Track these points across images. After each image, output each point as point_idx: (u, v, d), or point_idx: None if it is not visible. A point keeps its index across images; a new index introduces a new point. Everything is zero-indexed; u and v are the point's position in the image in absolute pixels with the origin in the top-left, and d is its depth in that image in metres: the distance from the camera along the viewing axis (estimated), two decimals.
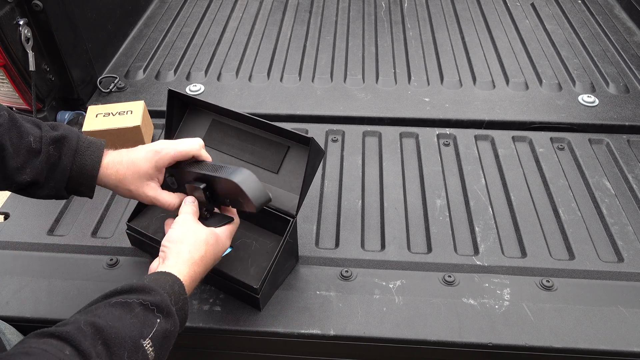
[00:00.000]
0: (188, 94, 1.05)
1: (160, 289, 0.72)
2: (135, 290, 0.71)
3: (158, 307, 0.69)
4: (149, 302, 0.69)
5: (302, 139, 0.97)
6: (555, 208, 1.24)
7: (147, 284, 0.72)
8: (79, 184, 0.89)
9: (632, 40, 1.83)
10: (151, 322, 0.68)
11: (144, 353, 0.65)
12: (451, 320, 1.00)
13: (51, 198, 0.90)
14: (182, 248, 0.81)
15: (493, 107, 1.54)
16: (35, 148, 0.85)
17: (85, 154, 0.88)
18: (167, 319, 0.70)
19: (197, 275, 0.82)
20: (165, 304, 0.71)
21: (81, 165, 0.87)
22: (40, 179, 0.85)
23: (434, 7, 2.06)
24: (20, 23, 1.29)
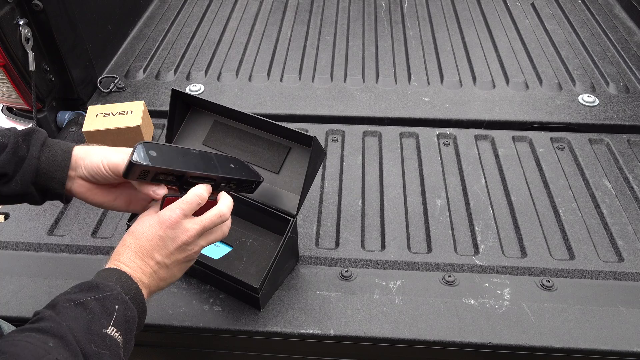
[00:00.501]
0: (191, 94, 1.04)
1: (107, 282, 0.72)
2: (83, 290, 0.71)
3: (110, 298, 0.70)
4: (100, 297, 0.69)
5: (304, 138, 0.97)
6: (555, 208, 1.24)
7: (93, 281, 0.72)
8: (49, 178, 0.84)
9: (632, 40, 1.83)
10: (109, 312, 0.69)
11: (111, 339, 0.67)
12: (451, 320, 1.00)
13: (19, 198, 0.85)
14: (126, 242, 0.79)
15: (493, 107, 1.54)
16: (3, 142, 0.83)
17: (54, 146, 0.85)
18: (124, 306, 0.71)
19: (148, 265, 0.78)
20: (117, 292, 0.71)
21: (51, 157, 0.84)
22: (8, 171, 0.82)
23: (434, 7, 2.06)
24: (20, 23, 1.29)
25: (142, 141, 0.83)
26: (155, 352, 1.16)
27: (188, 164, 0.85)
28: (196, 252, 0.84)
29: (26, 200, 0.87)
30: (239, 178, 0.89)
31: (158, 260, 0.79)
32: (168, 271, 0.81)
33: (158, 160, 0.82)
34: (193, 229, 0.81)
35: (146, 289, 0.78)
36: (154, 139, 1.46)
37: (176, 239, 0.80)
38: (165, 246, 0.79)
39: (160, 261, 0.79)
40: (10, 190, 0.83)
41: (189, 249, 0.82)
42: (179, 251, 0.81)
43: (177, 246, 0.80)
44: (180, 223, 0.80)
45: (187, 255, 0.82)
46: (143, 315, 0.76)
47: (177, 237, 0.80)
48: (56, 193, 0.87)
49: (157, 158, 0.82)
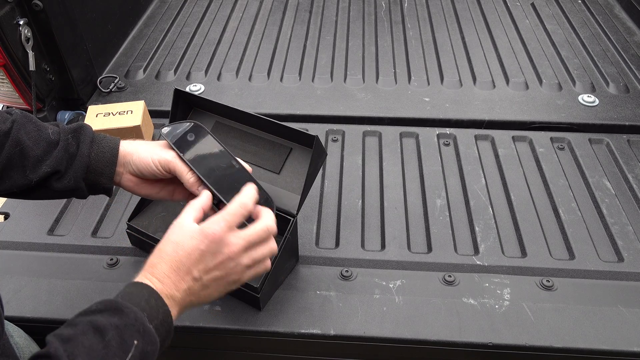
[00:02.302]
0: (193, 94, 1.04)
1: (132, 306, 0.67)
2: (108, 310, 0.67)
3: (132, 329, 0.66)
4: (121, 325, 0.65)
5: (306, 138, 0.97)
6: (555, 208, 1.24)
7: (119, 302, 0.68)
8: (99, 173, 0.87)
9: (632, 40, 1.83)
10: (126, 348, 0.65)
11: None
12: (451, 320, 1.00)
13: (69, 193, 0.88)
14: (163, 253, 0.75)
15: (493, 107, 1.54)
16: (54, 139, 0.85)
17: (102, 143, 0.88)
18: (144, 339, 0.67)
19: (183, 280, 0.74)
20: (140, 322, 0.67)
21: (100, 153, 0.87)
22: (61, 168, 0.85)
23: (434, 7, 2.06)
24: (20, 23, 1.29)
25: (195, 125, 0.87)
26: None
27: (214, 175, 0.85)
28: (238, 272, 0.79)
29: (75, 195, 0.89)
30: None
31: (195, 276, 0.75)
32: (205, 290, 0.77)
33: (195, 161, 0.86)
34: (237, 244, 0.77)
35: (177, 307, 0.74)
36: (154, 139, 1.46)
37: (217, 255, 0.76)
38: (204, 261, 0.75)
39: (197, 277, 0.75)
40: (63, 186, 0.86)
41: (230, 267, 0.77)
42: (219, 268, 0.76)
43: (218, 262, 0.76)
44: (224, 237, 0.76)
45: (227, 274, 0.78)
46: (169, 337, 0.73)
47: (219, 252, 0.76)
48: (104, 188, 0.90)
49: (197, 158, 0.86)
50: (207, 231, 0.75)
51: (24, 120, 0.86)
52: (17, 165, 0.83)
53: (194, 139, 0.88)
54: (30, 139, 0.84)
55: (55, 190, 0.87)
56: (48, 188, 0.86)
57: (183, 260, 0.74)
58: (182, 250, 0.75)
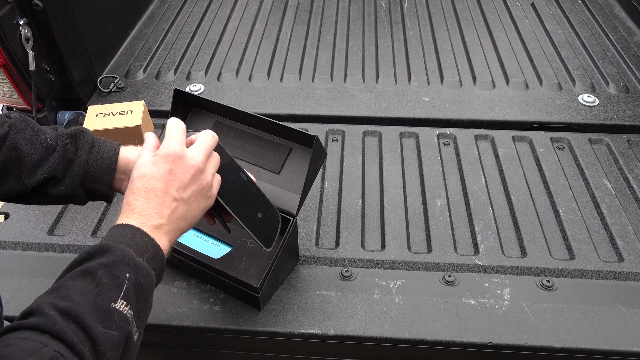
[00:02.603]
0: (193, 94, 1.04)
1: (118, 244, 0.67)
2: (93, 254, 0.67)
3: (121, 264, 0.66)
4: (110, 263, 0.65)
5: (306, 138, 0.97)
6: (555, 208, 1.24)
7: (103, 244, 0.68)
8: (97, 180, 0.86)
9: (632, 40, 1.83)
10: (119, 282, 0.64)
11: (120, 314, 0.63)
12: (451, 320, 1.00)
13: (66, 199, 0.87)
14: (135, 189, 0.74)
15: (493, 107, 1.54)
16: (51, 144, 0.84)
17: (101, 148, 0.87)
18: (136, 272, 0.66)
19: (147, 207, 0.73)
20: (128, 257, 0.67)
21: (98, 159, 0.85)
22: (58, 174, 0.83)
23: (434, 7, 2.06)
24: (20, 23, 1.29)
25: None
26: (155, 352, 1.16)
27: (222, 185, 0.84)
28: (210, 182, 0.80)
29: (72, 201, 0.88)
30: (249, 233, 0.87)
31: (175, 196, 0.75)
32: (188, 207, 0.77)
33: None
34: (199, 154, 0.78)
35: (167, 236, 0.74)
36: None
37: (187, 169, 0.76)
38: (178, 179, 0.75)
39: (177, 197, 0.75)
40: (60, 192, 0.84)
41: (202, 178, 0.78)
42: (193, 182, 0.77)
43: (190, 176, 0.76)
44: (185, 153, 0.77)
45: (202, 186, 0.78)
46: (162, 271, 0.73)
47: (187, 165, 0.76)
48: (102, 194, 0.88)
49: None
50: (166, 152, 0.76)
51: (22, 125, 0.84)
52: (13, 170, 0.82)
53: None
54: (27, 143, 0.83)
55: (52, 196, 0.85)
56: (45, 194, 0.85)
57: (157, 186, 0.74)
58: (152, 177, 0.74)
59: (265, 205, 0.90)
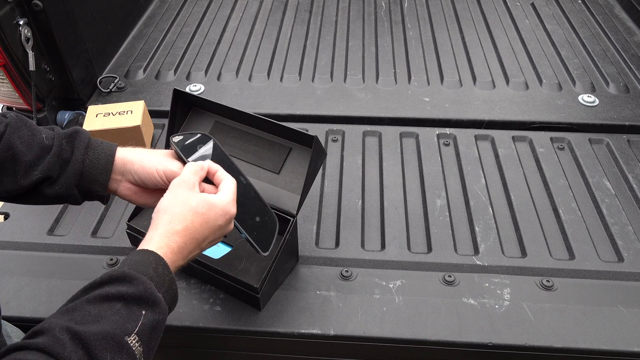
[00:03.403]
0: (192, 94, 1.04)
1: (141, 276, 0.67)
2: (115, 280, 0.66)
3: (142, 299, 0.65)
4: (131, 295, 0.64)
5: (305, 138, 0.97)
6: (555, 208, 1.24)
7: (127, 271, 0.67)
8: (92, 181, 0.85)
9: (632, 40, 1.83)
10: (135, 317, 0.64)
11: (129, 350, 0.62)
12: (451, 320, 1.00)
13: (61, 199, 0.86)
14: (164, 218, 0.75)
15: (493, 107, 1.54)
16: (47, 144, 0.83)
17: (98, 149, 0.86)
18: (154, 309, 0.66)
19: (183, 247, 0.75)
20: (150, 292, 0.66)
21: (94, 159, 0.85)
22: (53, 174, 0.83)
23: (434, 7, 2.06)
24: (20, 23, 1.29)
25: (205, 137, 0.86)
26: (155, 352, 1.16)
27: None
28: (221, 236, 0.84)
29: (67, 201, 0.87)
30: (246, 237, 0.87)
31: (203, 247, 0.79)
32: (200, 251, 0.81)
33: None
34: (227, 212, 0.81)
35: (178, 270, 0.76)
36: (154, 139, 1.46)
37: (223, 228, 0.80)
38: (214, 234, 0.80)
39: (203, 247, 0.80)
40: (54, 192, 0.84)
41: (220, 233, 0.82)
42: (218, 237, 0.82)
43: (221, 234, 0.81)
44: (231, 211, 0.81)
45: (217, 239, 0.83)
46: (174, 304, 0.74)
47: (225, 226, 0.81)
48: (98, 195, 0.88)
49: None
50: (229, 210, 0.80)
51: (19, 124, 0.84)
52: (8, 170, 0.81)
53: (204, 152, 0.87)
54: (23, 143, 0.82)
55: (47, 196, 0.84)
56: (39, 194, 0.84)
57: (204, 234, 0.78)
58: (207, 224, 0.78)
59: (264, 210, 0.90)
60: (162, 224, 0.75)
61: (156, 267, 0.70)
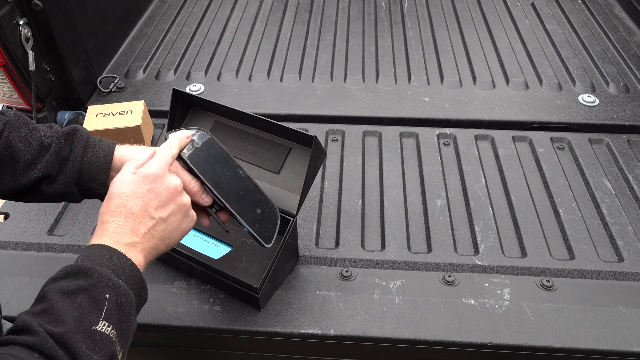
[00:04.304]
0: (192, 94, 1.04)
1: (95, 266, 0.67)
2: (71, 274, 0.66)
3: (100, 285, 0.65)
4: (90, 285, 0.65)
5: (305, 138, 0.97)
6: (555, 208, 1.24)
7: (80, 265, 0.67)
8: (91, 179, 0.85)
9: (632, 40, 1.83)
10: (99, 304, 0.64)
11: (102, 335, 0.63)
12: (451, 320, 1.00)
13: (60, 197, 0.86)
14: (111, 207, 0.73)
15: (493, 107, 1.54)
16: (46, 142, 0.84)
17: (96, 147, 0.86)
18: (117, 292, 0.66)
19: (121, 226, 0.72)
20: (107, 278, 0.66)
21: (93, 158, 0.85)
22: (52, 172, 0.83)
23: (434, 7, 2.06)
24: (20, 23, 1.29)
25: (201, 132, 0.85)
26: (155, 352, 1.16)
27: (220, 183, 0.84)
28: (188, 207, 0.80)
29: (66, 199, 0.88)
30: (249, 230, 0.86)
31: (153, 215, 0.74)
32: (166, 227, 0.76)
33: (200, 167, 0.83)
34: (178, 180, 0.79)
35: (141, 253, 0.73)
36: (154, 139, 1.46)
37: (167, 188, 0.76)
38: (157, 197, 0.75)
39: (155, 216, 0.75)
40: (54, 191, 0.84)
41: (180, 200, 0.78)
42: (171, 202, 0.77)
43: (169, 196, 0.76)
44: (165, 175, 0.77)
45: (180, 208, 0.78)
46: (143, 291, 0.73)
47: (167, 186, 0.76)
48: (96, 193, 0.88)
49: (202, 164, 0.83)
50: (146, 171, 0.76)
51: (17, 122, 0.84)
52: (7, 168, 0.82)
53: (200, 146, 0.86)
54: (21, 141, 0.82)
55: (46, 194, 0.84)
56: (39, 192, 0.85)
57: (135, 204, 0.74)
58: (130, 195, 0.74)
59: (264, 202, 0.90)
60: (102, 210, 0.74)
61: (110, 257, 0.69)
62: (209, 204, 0.85)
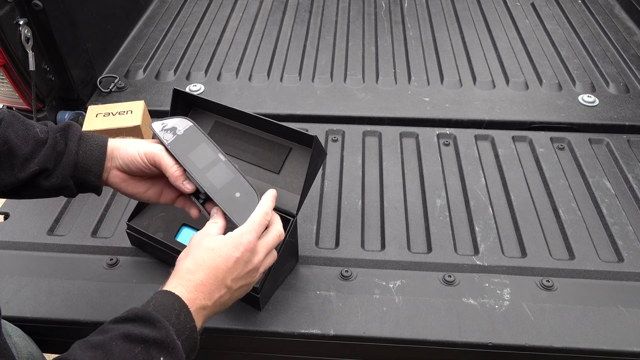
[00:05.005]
0: (192, 94, 1.04)
1: (165, 321, 0.68)
2: (139, 319, 0.68)
3: (161, 344, 0.67)
4: (152, 339, 0.66)
5: (305, 138, 0.97)
6: (555, 208, 1.24)
7: (152, 314, 0.68)
8: (87, 171, 0.87)
9: (632, 40, 1.83)
10: None
11: None
12: (451, 320, 1.00)
13: (57, 191, 0.88)
14: (199, 260, 0.76)
15: (493, 107, 1.54)
16: (42, 137, 0.85)
17: (90, 140, 0.88)
18: (172, 356, 0.67)
19: (201, 284, 0.75)
20: (170, 339, 0.67)
21: (88, 150, 0.87)
22: (49, 166, 0.84)
23: (434, 7, 2.06)
24: (20, 23, 1.29)
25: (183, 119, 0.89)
26: None
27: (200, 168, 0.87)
28: (255, 279, 0.83)
29: (63, 193, 0.89)
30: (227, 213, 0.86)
31: (228, 285, 0.77)
32: (231, 297, 0.80)
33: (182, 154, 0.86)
34: (262, 252, 0.82)
35: (204, 318, 0.75)
36: None
37: (248, 263, 0.79)
38: (237, 269, 0.78)
39: (229, 286, 0.78)
40: (51, 184, 0.85)
41: (253, 275, 0.82)
42: (246, 277, 0.80)
43: (247, 271, 0.80)
44: (255, 246, 0.80)
45: (249, 282, 0.82)
46: (193, 353, 0.73)
47: (250, 260, 0.79)
48: (92, 186, 0.89)
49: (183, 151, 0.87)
50: (243, 240, 0.79)
51: (12, 119, 0.85)
52: (5, 163, 0.83)
53: (182, 133, 0.90)
54: (18, 137, 0.84)
55: (43, 188, 0.86)
56: (36, 187, 0.86)
57: (221, 268, 0.76)
58: (220, 257, 0.76)
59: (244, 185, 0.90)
60: (188, 257, 0.77)
61: (179, 314, 0.70)
62: (191, 191, 0.87)
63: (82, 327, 1.00)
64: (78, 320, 1.00)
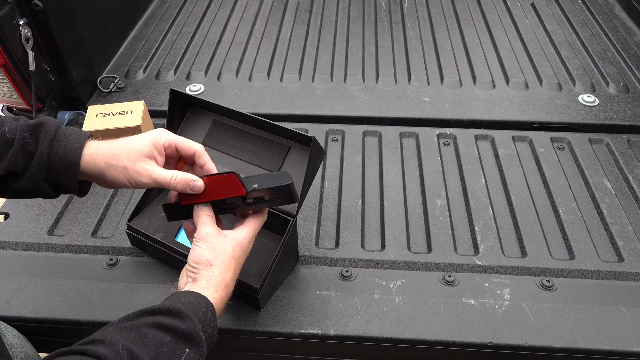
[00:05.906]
0: (189, 94, 1.04)
1: (193, 316, 0.72)
2: (170, 312, 0.71)
3: (189, 337, 0.70)
4: (181, 330, 0.70)
5: (304, 139, 0.97)
6: (555, 208, 1.24)
7: (182, 309, 0.72)
8: (60, 174, 0.81)
9: (632, 40, 1.83)
10: (180, 352, 0.68)
11: None
12: (451, 320, 1.00)
13: (29, 193, 0.83)
14: (214, 271, 0.80)
15: (493, 107, 1.54)
16: (9, 137, 0.79)
17: (64, 141, 0.81)
18: (196, 350, 0.70)
19: (228, 296, 0.82)
20: (197, 333, 0.71)
21: (61, 153, 0.80)
22: (18, 169, 0.79)
23: (434, 7, 2.06)
24: (20, 23, 1.29)
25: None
26: None
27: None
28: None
29: (39, 196, 0.85)
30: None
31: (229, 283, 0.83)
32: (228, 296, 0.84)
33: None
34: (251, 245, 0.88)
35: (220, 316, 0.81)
36: None
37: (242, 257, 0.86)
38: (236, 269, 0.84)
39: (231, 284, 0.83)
40: (22, 188, 0.81)
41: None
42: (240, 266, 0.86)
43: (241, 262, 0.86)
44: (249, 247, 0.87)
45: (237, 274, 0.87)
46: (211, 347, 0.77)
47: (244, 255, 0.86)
48: (70, 189, 0.84)
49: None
50: (243, 242, 0.85)
51: None
52: None
53: None
54: None
55: (15, 191, 0.81)
56: (7, 188, 0.81)
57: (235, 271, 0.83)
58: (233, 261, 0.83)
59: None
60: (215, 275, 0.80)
61: (206, 312, 0.74)
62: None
63: (82, 327, 1.00)
64: (78, 320, 1.00)
